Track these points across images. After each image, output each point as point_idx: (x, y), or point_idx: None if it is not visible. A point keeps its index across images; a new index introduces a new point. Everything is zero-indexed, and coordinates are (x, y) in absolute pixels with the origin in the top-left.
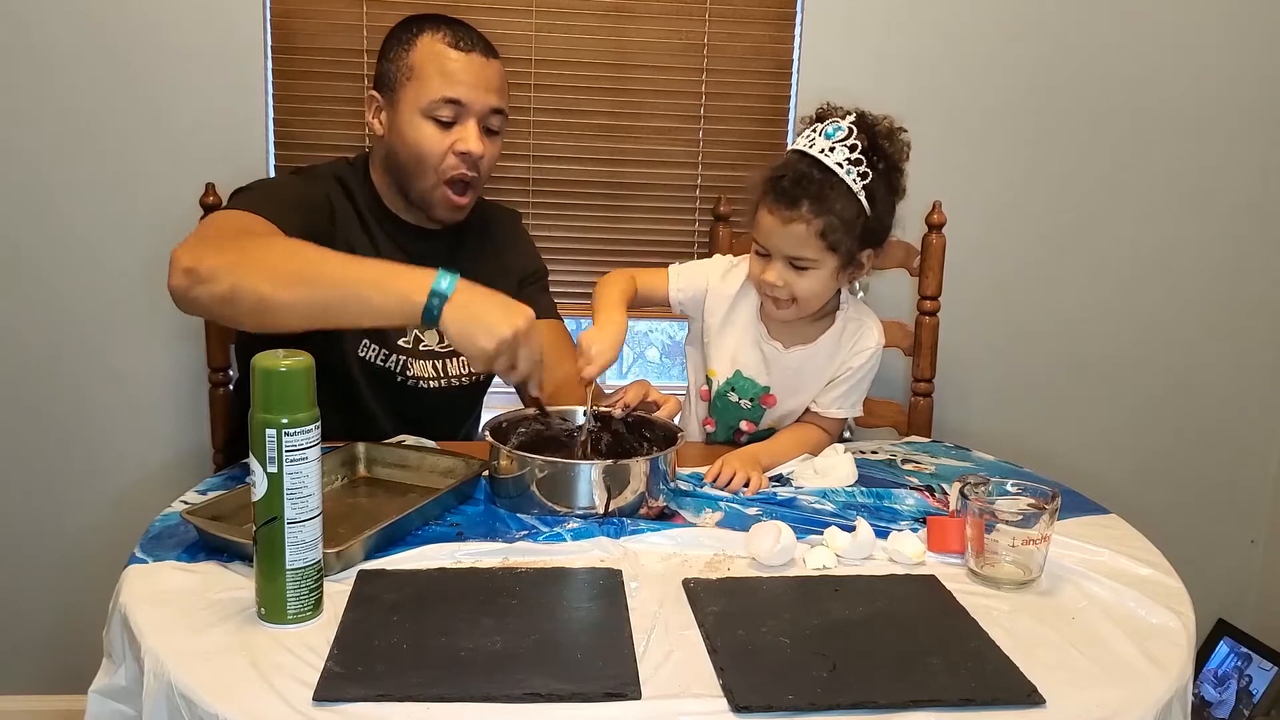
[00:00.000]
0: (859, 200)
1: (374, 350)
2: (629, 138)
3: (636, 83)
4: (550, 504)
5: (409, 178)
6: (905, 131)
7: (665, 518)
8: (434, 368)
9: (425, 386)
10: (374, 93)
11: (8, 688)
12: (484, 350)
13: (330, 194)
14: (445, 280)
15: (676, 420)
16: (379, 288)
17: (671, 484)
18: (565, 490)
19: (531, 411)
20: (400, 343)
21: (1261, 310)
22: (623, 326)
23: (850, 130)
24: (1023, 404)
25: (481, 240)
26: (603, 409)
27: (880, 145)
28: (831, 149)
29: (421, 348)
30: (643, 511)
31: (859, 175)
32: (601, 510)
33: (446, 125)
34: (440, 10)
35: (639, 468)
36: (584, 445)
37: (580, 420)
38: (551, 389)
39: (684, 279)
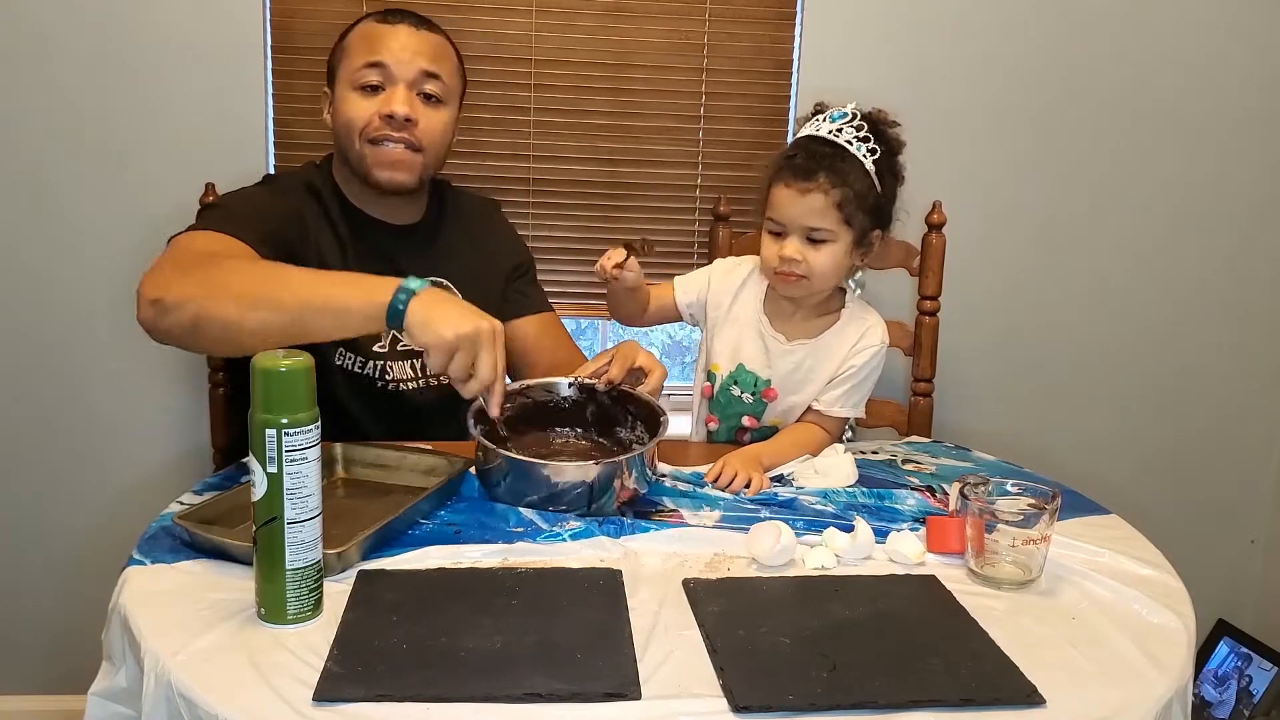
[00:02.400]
0: (870, 175)
1: (350, 358)
2: (629, 138)
3: (636, 83)
4: (535, 491)
5: (346, 152)
6: (899, 125)
7: (644, 511)
8: (412, 368)
9: (405, 389)
10: (325, 89)
11: (8, 688)
12: (441, 338)
13: (300, 205)
14: (415, 282)
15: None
16: (345, 293)
17: (651, 476)
18: (548, 484)
19: (516, 386)
20: (375, 348)
21: (1262, 310)
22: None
23: (854, 114)
24: (1023, 404)
25: (459, 235)
26: (587, 381)
27: (881, 130)
28: (839, 130)
29: (400, 347)
30: (618, 494)
31: (868, 151)
32: (587, 497)
33: (375, 91)
34: (440, 11)
35: (621, 466)
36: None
37: (565, 391)
38: (545, 375)
39: (687, 283)
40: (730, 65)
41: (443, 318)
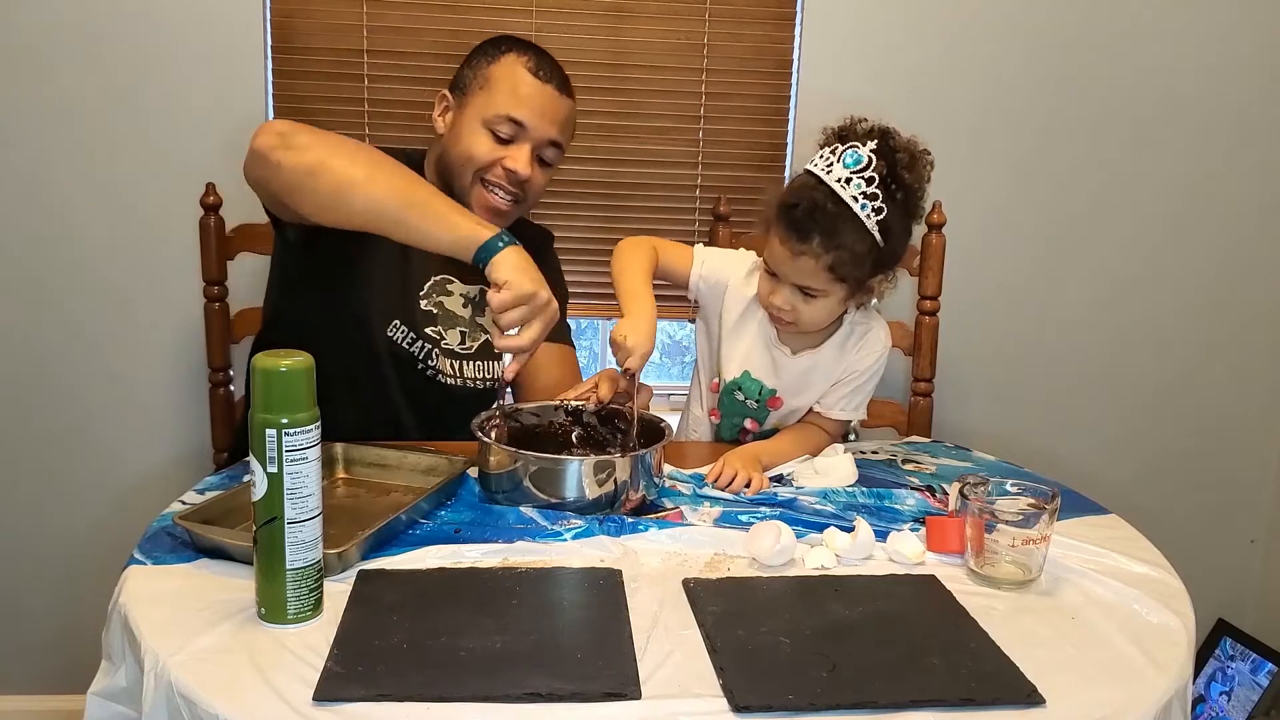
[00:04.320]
0: (872, 235)
1: (403, 331)
2: (629, 138)
3: (636, 83)
4: (541, 495)
5: (453, 176)
6: (929, 154)
7: (645, 512)
8: (453, 366)
9: (443, 382)
10: (445, 92)
11: (8, 688)
12: (522, 285)
13: None
14: (508, 236)
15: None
16: (455, 213)
17: (657, 480)
18: (555, 483)
19: (508, 409)
20: (429, 330)
21: (1262, 310)
22: (654, 313)
23: (870, 160)
24: (1023, 404)
25: None
26: (576, 403)
27: (900, 175)
28: (849, 180)
29: (443, 345)
30: (624, 501)
31: (874, 210)
32: (591, 496)
33: (503, 141)
34: (442, 10)
35: (624, 463)
36: (629, 438)
37: (554, 415)
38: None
39: (709, 267)
40: (730, 65)
41: (533, 271)
